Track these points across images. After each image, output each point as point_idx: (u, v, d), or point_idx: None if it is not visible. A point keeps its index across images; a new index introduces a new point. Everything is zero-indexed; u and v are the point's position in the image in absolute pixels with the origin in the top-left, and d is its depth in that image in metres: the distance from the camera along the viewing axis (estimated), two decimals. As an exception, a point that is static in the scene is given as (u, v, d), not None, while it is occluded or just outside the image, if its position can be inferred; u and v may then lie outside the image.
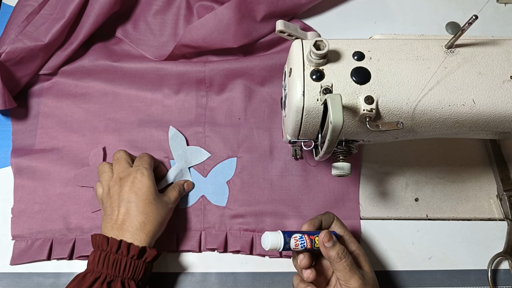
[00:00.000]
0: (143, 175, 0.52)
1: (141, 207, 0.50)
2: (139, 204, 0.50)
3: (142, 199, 0.50)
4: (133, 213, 0.49)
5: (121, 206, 0.50)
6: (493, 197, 0.61)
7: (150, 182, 0.52)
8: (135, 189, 0.51)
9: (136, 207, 0.50)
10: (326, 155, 0.43)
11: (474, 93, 0.42)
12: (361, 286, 0.45)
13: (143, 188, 0.51)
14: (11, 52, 0.57)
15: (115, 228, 0.49)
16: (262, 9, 0.62)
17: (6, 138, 0.60)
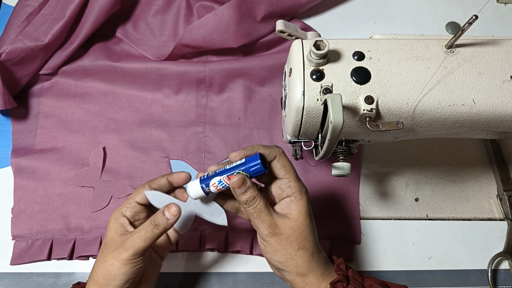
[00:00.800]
0: (110, 217, 0.46)
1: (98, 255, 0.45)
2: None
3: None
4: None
5: None
6: (493, 197, 0.61)
7: (109, 224, 0.45)
8: None
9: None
10: (326, 155, 0.43)
11: (474, 93, 0.42)
12: (270, 235, 0.42)
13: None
14: (11, 52, 0.57)
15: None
16: (262, 9, 0.62)
17: (6, 138, 0.60)
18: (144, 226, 0.43)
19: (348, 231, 0.58)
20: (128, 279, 0.42)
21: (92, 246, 0.56)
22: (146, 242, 0.42)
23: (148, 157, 0.60)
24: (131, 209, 0.45)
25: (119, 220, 0.45)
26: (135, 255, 0.42)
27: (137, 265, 0.43)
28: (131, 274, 0.42)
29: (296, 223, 0.42)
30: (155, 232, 0.42)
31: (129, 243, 0.42)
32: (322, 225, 0.58)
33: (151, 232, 0.42)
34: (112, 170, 0.59)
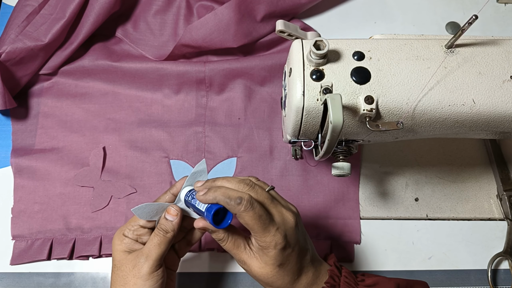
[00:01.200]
0: (113, 239, 0.45)
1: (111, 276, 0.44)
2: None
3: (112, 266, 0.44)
4: None
5: None
6: (493, 197, 0.61)
7: (114, 246, 0.44)
8: None
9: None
10: (326, 155, 0.43)
11: (474, 93, 0.42)
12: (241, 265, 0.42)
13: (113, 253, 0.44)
14: (11, 52, 0.57)
15: None
16: (262, 9, 0.62)
17: (6, 138, 0.60)
18: (154, 234, 0.43)
19: (348, 231, 0.58)
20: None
21: (92, 246, 0.56)
22: (162, 248, 0.42)
23: (148, 157, 0.60)
24: (134, 232, 0.45)
25: (124, 241, 0.44)
26: (154, 266, 0.42)
27: (159, 279, 0.42)
28: (155, 287, 0.42)
29: (260, 271, 0.41)
30: (167, 236, 0.42)
31: (146, 255, 0.42)
32: (322, 225, 0.58)
33: (163, 237, 0.42)
34: (112, 170, 0.59)
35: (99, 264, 0.56)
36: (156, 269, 0.42)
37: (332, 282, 0.43)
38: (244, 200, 0.39)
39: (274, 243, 0.39)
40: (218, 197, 0.40)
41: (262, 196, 0.41)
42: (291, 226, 0.41)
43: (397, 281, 0.45)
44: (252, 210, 0.39)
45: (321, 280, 0.43)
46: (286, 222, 0.41)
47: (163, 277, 0.43)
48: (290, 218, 0.41)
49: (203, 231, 0.47)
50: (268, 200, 0.41)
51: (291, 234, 0.41)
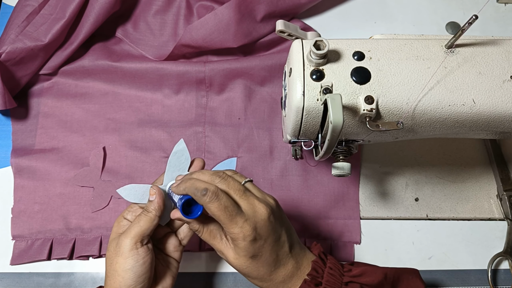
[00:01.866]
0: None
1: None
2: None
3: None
4: None
5: None
6: (493, 197, 0.61)
7: (115, 223, 0.45)
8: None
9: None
10: (326, 155, 0.43)
11: (474, 93, 0.42)
12: (220, 255, 0.43)
13: (116, 256, 0.43)
14: (11, 52, 0.57)
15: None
16: (262, 9, 0.62)
17: (6, 138, 0.60)
18: (138, 214, 0.44)
19: (348, 231, 0.58)
20: (137, 277, 0.42)
21: (92, 246, 0.56)
22: (141, 225, 0.43)
23: (148, 157, 0.60)
24: (133, 213, 0.46)
25: (121, 223, 0.45)
26: (133, 243, 0.42)
27: (140, 259, 0.42)
28: (138, 270, 0.42)
29: (235, 262, 0.41)
30: (149, 216, 0.43)
31: (125, 232, 0.43)
32: (322, 225, 0.58)
33: (144, 216, 0.43)
34: (112, 170, 0.59)
35: (99, 264, 0.56)
36: (136, 247, 0.42)
37: (315, 274, 0.42)
38: (209, 191, 0.39)
39: (242, 235, 0.39)
40: (187, 188, 0.41)
41: (233, 188, 0.41)
42: (263, 218, 0.40)
43: (385, 270, 0.44)
44: (218, 201, 0.39)
45: (302, 272, 0.42)
46: (257, 213, 0.40)
47: (146, 258, 0.42)
48: (262, 210, 0.40)
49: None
50: (239, 192, 0.41)
51: (262, 226, 0.40)
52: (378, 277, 0.43)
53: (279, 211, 0.43)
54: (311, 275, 0.42)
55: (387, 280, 0.44)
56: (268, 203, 0.42)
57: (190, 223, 0.43)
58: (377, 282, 0.43)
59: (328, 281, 0.42)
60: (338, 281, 0.42)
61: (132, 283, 0.41)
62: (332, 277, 0.42)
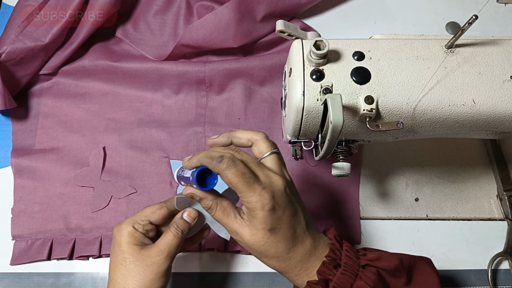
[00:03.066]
0: (118, 231, 0.43)
1: (110, 272, 0.43)
2: (109, 269, 0.43)
3: (111, 262, 0.43)
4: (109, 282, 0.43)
5: None
6: (493, 197, 0.61)
7: (123, 237, 0.43)
8: (111, 251, 0.44)
9: (110, 273, 0.43)
10: (326, 155, 0.43)
11: (474, 93, 0.42)
12: (233, 236, 0.42)
13: (113, 248, 0.43)
14: (12, 52, 0.57)
15: None
16: (262, 9, 0.62)
17: (6, 138, 0.60)
18: (172, 234, 0.43)
19: (348, 231, 0.58)
20: (162, 285, 0.42)
21: (92, 246, 0.56)
22: (178, 247, 0.43)
23: (148, 157, 0.60)
24: (144, 227, 0.44)
25: (135, 234, 0.43)
26: (170, 261, 0.42)
27: (170, 275, 0.43)
28: (165, 278, 0.42)
29: (252, 239, 0.40)
30: (182, 236, 0.43)
31: (166, 252, 0.42)
32: (322, 225, 0.58)
33: (180, 237, 0.43)
34: (112, 170, 0.59)
35: (99, 264, 0.56)
36: (170, 265, 0.42)
37: (333, 256, 0.40)
38: (225, 158, 0.38)
39: (261, 203, 0.38)
40: (201, 159, 0.39)
41: (247, 159, 0.40)
42: (279, 188, 0.39)
43: (400, 256, 0.43)
44: (234, 167, 0.38)
45: (320, 253, 0.41)
46: (274, 184, 0.39)
47: (170, 270, 0.43)
48: (278, 181, 0.40)
49: (207, 233, 0.48)
50: (254, 163, 0.40)
51: (280, 196, 0.39)
52: (394, 262, 0.42)
53: (295, 189, 0.43)
54: (329, 256, 0.41)
55: (403, 266, 0.43)
56: (284, 176, 0.41)
57: (203, 199, 0.41)
58: (393, 266, 0.42)
59: (346, 263, 0.41)
60: (356, 263, 0.41)
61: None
62: (350, 259, 0.41)
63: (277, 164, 0.42)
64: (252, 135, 0.43)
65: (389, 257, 0.43)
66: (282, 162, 0.43)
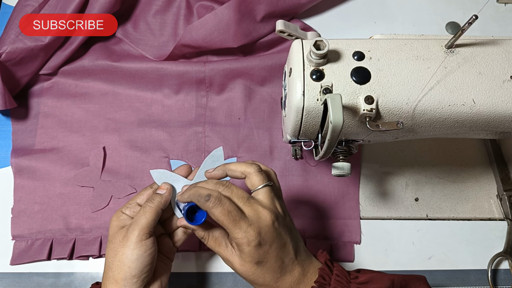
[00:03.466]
0: (112, 217, 0.46)
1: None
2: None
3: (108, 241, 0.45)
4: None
5: None
6: (493, 197, 0.61)
7: (111, 221, 0.46)
8: None
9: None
10: (326, 155, 0.43)
11: (474, 93, 0.42)
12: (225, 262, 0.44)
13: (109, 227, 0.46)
14: (12, 52, 0.57)
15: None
16: (262, 9, 0.62)
17: (6, 138, 0.60)
18: (142, 206, 0.44)
19: (348, 231, 0.58)
20: (143, 267, 0.42)
21: (92, 246, 0.56)
22: (147, 217, 0.43)
23: (148, 157, 0.60)
24: (131, 209, 0.46)
25: (120, 217, 0.46)
26: (142, 234, 0.42)
27: (148, 249, 0.43)
28: (145, 260, 0.42)
29: (241, 268, 0.42)
30: (152, 206, 0.44)
31: (133, 224, 0.43)
32: (322, 225, 0.58)
33: (149, 207, 0.44)
34: (112, 170, 0.59)
35: (99, 264, 0.56)
36: (143, 238, 0.42)
37: (322, 281, 0.42)
38: (212, 197, 0.40)
39: (247, 239, 0.40)
40: (191, 196, 0.42)
41: (236, 195, 0.42)
42: (267, 223, 0.41)
43: (392, 277, 0.44)
44: (221, 206, 0.40)
45: (309, 279, 0.42)
46: (261, 219, 0.41)
47: (152, 249, 0.43)
48: (266, 215, 0.41)
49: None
50: (243, 198, 0.42)
51: (267, 231, 0.40)
52: (385, 284, 0.43)
53: (285, 219, 0.44)
54: (318, 282, 0.42)
55: (394, 287, 0.43)
56: (273, 209, 0.42)
57: (196, 230, 0.44)
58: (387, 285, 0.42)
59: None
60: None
61: (138, 273, 0.42)
62: (340, 284, 0.42)
63: (268, 197, 0.43)
64: (245, 168, 0.44)
65: (380, 279, 0.43)
66: (275, 194, 0.44)
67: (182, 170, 0.49)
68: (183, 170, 0.49)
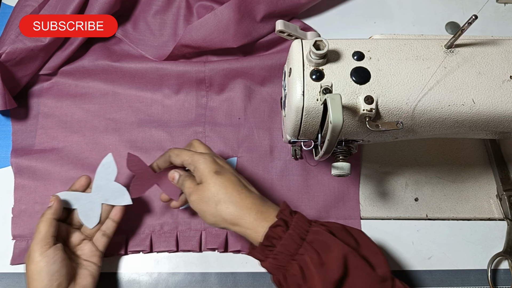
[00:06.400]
0: None
1: None
2: None
3: None
4: None
5: None
6: (493, 197, 0.61)
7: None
8: None
9: None
10: (326, 155, 0.43)
11: (474, 93, 0.43)
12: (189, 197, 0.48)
13: None
14: (11, 52, 0.57)
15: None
16: (262, 9, 0.62)
17: (6, 138, 0.60)
18: (37, 224, 0.47)
19: (348, 231, 0.58)
20: (50, 276, 0.45)
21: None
22: (42, 230, 0.46)
23: (148, 157, 0.60)
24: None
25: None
26: (42, 246, 0.45)
27: (51, 258, 0.45)
28: (50, 268, 0.45)
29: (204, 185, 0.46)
30: (44, 219, 0.47)
31: (32, 240, 0.46)
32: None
33: (41, 221, 0.47)
34: (112, 170, 0.59)
35: (99, 264, 0.56)
36: (44, 250, 0.45)
37: (286, 206, 0.46)
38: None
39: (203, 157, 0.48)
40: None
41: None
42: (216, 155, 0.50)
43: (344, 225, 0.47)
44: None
45: (271, 205, 0.46)
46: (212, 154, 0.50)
47: (56, 257, 0.46)
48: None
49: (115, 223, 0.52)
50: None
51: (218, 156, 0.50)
52: (339, 225, 0.46)
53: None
54: (284, 206, 0.46)
55: (347, 230, 0.46)
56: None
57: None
58: (339, 226, 0.45)
59: (300, 215, 0.45)
60: (306, 219, 0.45)
61: (48, 283, 0.45)
62: (302, 215, 0.45)
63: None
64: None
65: (333, 222, 0.47)
66: None
67: (82, 181, 0.52)
68: (83, 181, 0.52)
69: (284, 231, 0.43)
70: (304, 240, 0.42)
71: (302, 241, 0.42)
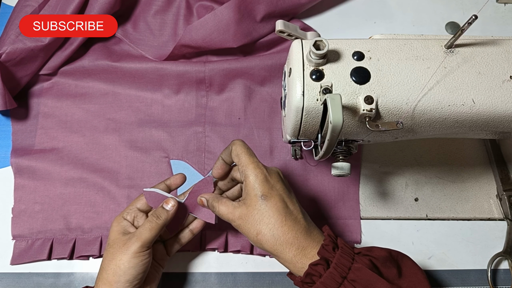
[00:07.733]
0: (113, 221, 0.49)
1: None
2: None
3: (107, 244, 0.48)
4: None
5: None
6: (492, 197, 0.61)
7: (112, 226, 0.48)
8: None
9: None
10: (326, 155, 0.43)
11: (474, 93, 0.43)
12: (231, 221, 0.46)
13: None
14: (12, 52, 0.57)
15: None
16: (261, 9, 0.62)
17: (6, 138, 0.60)
18: (148, 219, 0.47)
19: (348, 231, 0.58)
20: (137, 274, 0.45)
21: (92, 246, 0.56)
22: (152, 232, 0.46)
23: (148, 157, 0.60)
24: (131, 214, 0.49)
25: (121, 223, 0.48)
26: (143, 247, 0.45)
27: (145, 259, 0.45)
28: (140, 268, 0.45)
29: (247, 209, 0.44)
30: (159, 223, 0.46)
31: (137, 235, 0.45)
32: (322, 225, 0.58)
33: (155, 223, 0.46)
34: (112, 170, 0.59)
35: (99, 264, 0.56)
36: (143, 250, 0.45)
37: (331, 240, 0.44)
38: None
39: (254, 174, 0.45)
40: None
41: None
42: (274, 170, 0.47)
43: (388, 249, 0.46)
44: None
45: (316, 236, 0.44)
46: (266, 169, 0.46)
47: (148, 259, 0.46)
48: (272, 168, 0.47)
49: (192, 234, 0.52)
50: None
51: (271, 172, 0.46)
52: (384, 253, 0.44)
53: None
54: (328, 239, 0.43)
55: (392, 257, 0.45)
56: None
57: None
58: (384, 256, 0.44)
59: (343, 248, 0.43)
60: (351, 249, 0.44)
61: (131, 279, 0.45)
62: (345, 245, 0.44)
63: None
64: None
65: (379, 249, 0.45)
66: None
67: (177, 180, 0.51)
68: (178, 180, 0.51)
69: (325, 269, 0.41)
70: (345, 278, 0.41)
71: (343, 279, 0.41)
